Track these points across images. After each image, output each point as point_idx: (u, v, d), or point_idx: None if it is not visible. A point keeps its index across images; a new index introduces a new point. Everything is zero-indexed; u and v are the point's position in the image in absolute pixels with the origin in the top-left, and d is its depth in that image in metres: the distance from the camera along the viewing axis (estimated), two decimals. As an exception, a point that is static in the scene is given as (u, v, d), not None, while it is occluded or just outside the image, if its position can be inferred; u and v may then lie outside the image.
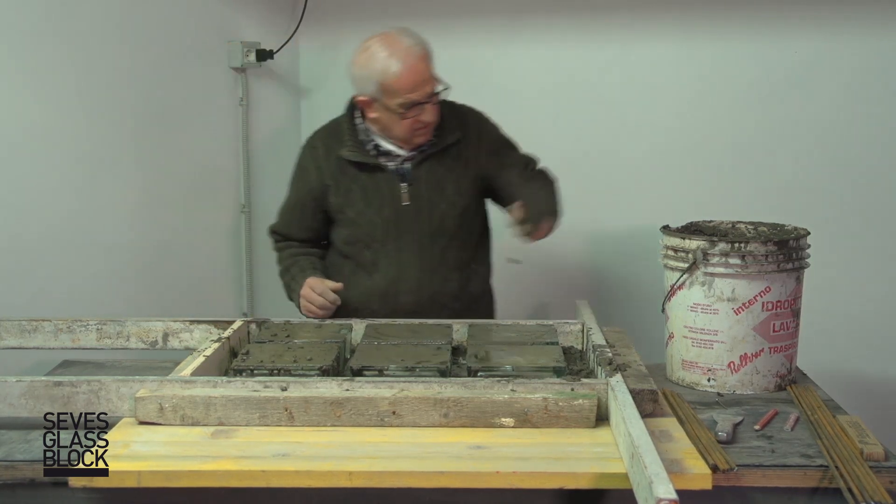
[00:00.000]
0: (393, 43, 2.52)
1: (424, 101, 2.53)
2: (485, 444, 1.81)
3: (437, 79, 2.56)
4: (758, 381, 2.32)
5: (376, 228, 2.65)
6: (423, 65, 2.52)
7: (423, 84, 2.52)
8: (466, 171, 2.65)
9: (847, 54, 3.44)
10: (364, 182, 2.65)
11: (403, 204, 2.62)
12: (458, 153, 2.65)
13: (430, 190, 2.62)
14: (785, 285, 2.32)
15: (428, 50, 2.55)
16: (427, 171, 2.63)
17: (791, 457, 1.89)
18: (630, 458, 1.65)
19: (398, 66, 2.50)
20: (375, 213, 2.64)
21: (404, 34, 2.54)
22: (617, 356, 2.21)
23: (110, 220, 2.99)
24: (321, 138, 2.72)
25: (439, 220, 2.64)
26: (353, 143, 2.65)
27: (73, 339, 2.50)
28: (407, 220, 2.63)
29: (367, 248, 2.67)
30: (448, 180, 2.63)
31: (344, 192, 2.66)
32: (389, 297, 2.67)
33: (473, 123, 2.70)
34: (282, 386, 1.94)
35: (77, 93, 2.86)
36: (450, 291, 2.68)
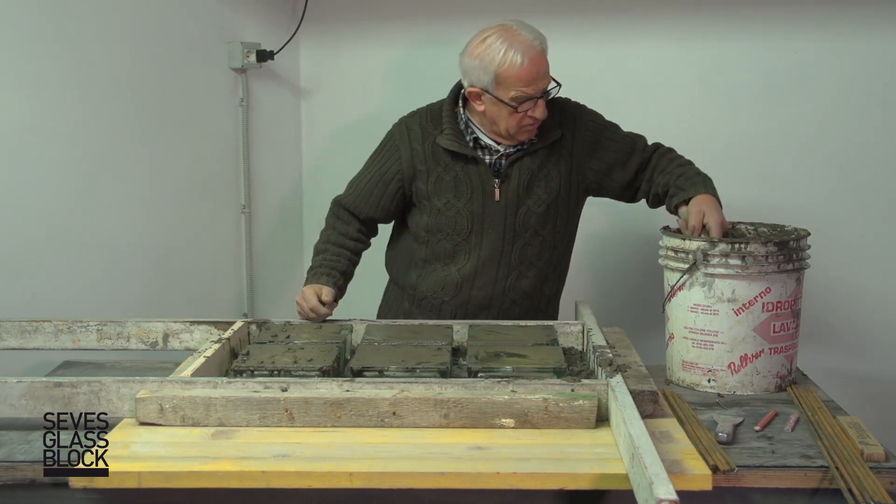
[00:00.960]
0: (513, 35, 2.50)
1: (538, 97, 2.51)
2: (485, 445, 1.81)
3: (551, 76, 2.55)
4: (758, 381, 2.32)
5: (462, 221, 2.63)
6: (542, 59, 2.51)
7: (540, 79, 2.51)
8: (558, 169, 2.63)
9: (847, 55, 3.44)
10: (457, 172, 2.62)
11: (495, 200, 2.61)
12: (551, 151, 2.63)
13: (521, 187, 2.61)
14: (785, 286, 2.32)
15: (545, 45, 2.54)
16: (520, 169, 2.61)
17: (791, 457, 1.89)
18: (630, 459, 1.65)
19: (518, 58, 2.48)
20: (465, 205, 2.62)
21: (524, 27, 2.53)
22: (617, 357, 2.21)
23: (110, 221, 2.99)
24: (418, 121, 2.69)
25: (524, 217, 2.62)
26: (453, 131, 2.62)
27: (74, 340, 2.50)
28: (494, 216, 2.62)
29: (447, 238, 2.66)
30: (539, 178, 2.61)
31: (434, 180, 2.64)
32: (463, 290, 2.67)
33: (569, 118, 2.67)
34: (282, 387, 1.94)
35: (77, 94, 2.86)
36: (523, 288, 2.67)
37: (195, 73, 3.37)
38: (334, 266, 2.64)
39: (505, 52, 2.49)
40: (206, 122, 3.44)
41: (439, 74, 2.88)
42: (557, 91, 2.57)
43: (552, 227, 2.66)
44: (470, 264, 2.66)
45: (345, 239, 2.71)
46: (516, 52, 2.48)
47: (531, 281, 2.67)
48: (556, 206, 2.65)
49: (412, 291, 2.74)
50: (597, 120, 2.71)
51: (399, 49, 3.61)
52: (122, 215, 3.04)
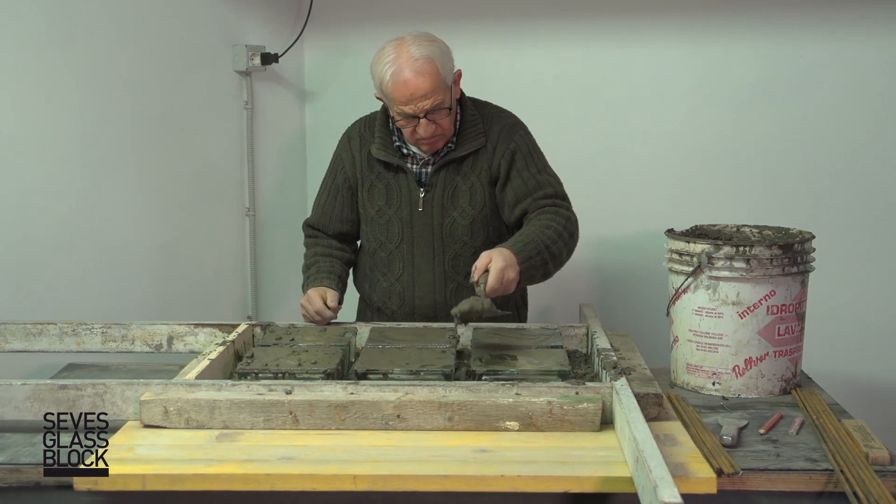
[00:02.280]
0: (400, 49, 2.45)
1: (419, 116, 2.46)
2: (489, 448, 1.81)
3: (444, 93, 2.47)
4: (762, 384, 2.32)
5: (393, 229, 2.64)
6: (420, 80, 2.43)
7: (418, 99, 2.44)
8: (480, 181, 2.59)
9: (853, 57, 3.43)
10: (388, 181, 2.63)
11: (419, 210, 2.61)
12: (475, 161, 2.59)
13: (444, 197, 2.59)
14: (790, 289, 2.32)
15: (436, 64, 2.45)
16: (444, 179, 2.59)
17: (796, 461, 1.89)
18: (635, 462, 1.65)
19: (391, 75, 2.44)
20: (394, 213, 2.63)
21: (417, 42, 2.46)
22: (621, 360, 2.21)
23: (115, 224, 3.00)
24: (358, 129, 2.70)
25: (450, 228, 2.61)
26: (383, 140, 2.62)
27: (78, 343, 2.50)
28: (420, 226, 2.61)
29: (382, 247, 2.66)
30: (462, 189, 2.59)
31: (368, 188, 2.65)
32: (406, 299, 2.67)
33: (498, 130, 2.60)
34: (286, 389, 1.94)
35: (82, 96, 2.87)
36: (464, 297, 2.61)
37: (200, 75, 3.37)
38: (331, 271, 2.65)
39: (385, 68, 2.45)
40: (211, 124, 3.44)
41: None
42: (449, 114, 2.49)
43: (483, 239, 2.62)
44: (406, 274, 2.65)
45: (331, 250, 2.72)
46: (392, 70, 2.44)
47: (472, 291, 2.62)
48: (483, 219, 2.60)
49: (369, 301, 2.75)
50: (521, 146, 2.60)
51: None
52: (126, 218, 3.04)
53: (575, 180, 3.17)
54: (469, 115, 2.61)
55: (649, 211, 3.53)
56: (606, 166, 3.65)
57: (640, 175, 3.61)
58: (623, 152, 3.62)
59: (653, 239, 2.79)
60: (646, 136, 3.60)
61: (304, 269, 2.71)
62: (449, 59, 2.51)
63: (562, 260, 2.50)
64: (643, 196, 3.61)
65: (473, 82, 2.77)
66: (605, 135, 3.63)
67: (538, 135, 2.71)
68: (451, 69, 2.51)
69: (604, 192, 3.62)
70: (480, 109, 2.64)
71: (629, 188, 3.63)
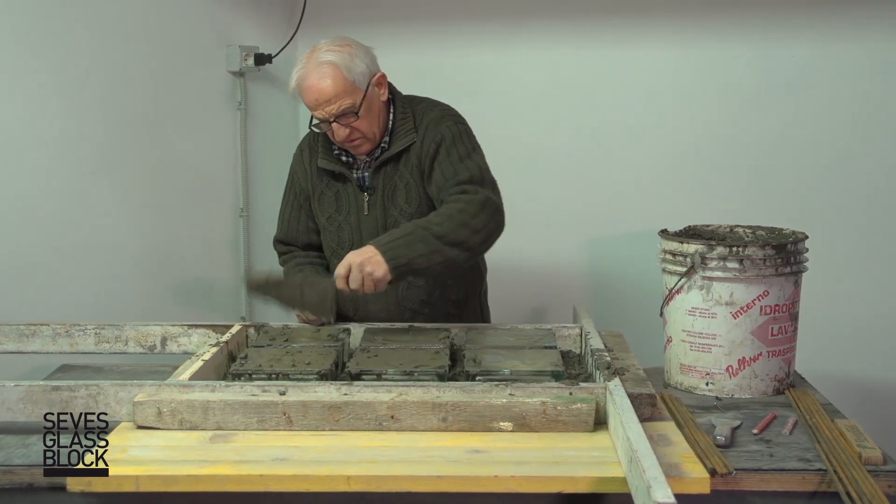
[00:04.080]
0: (310, 55, 2.47)
1: (329, 120, 2.46)
2: (483, 449, 1.81)
3: (352, 97, 2.44)
4: (756, 384, 2.32)
5: (343, 235, 2.63)
6: (323, 84, 2.42)
7: (323, 104, 2.44)
8: (413, 177, 2.56)
9: (845, 58, 3.44)
10: (337, 189, 2.63)
11: (364, 213, 2.60)
12: (408, 158, 2.56)
13: (385, 198, 2.58)
14: (783, 289, 2.32)
15: (340, 68, 2.43)
16: (383, 180, 2.58)
17: (789, 461, 1.89)
18: (628, 462, 1.65)
19: (297, 80, 2.46)
20: (344, 219, 2.63)
21: (327, 47, 2.46)
22: (615, 360, 2.21)
23: (108, 225, 2.99)
24: (308, 142, 2.70)
25: (392, 227, 2.55)
26: (325, 149, 2.61)
27: (72, 344, 2.50)
28: (368, 229, 2.60)
29: (334, 255, 2.65)
30: (399, 188, 2.57)
31: (319, 197, 2.65)
32: (360, 305, 2.65)
33: (426, 123, 2.57)
34: (280, 390, 1.94)
35: (74, 97, 2.86)
36: (416, 297, 2.63)
37: (193, 76, 3.37)
38: (318, 274, 2.64)
39: (295, 74, 2.48)
40: (204, 125, 3.44)
41: (439, 78, 2.89)
42: (356, 119, 2.46)
43: None
44: None
45: (310, 258, 2.72)
46: (298, 75, 2.46)
47: (424, 290, 2.61)
48: (422, 215, 2.52)
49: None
50: (447, 135, 2.54)
51: (398, 52, 3.60)
52: (120, 219, 3.04)
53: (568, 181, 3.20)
54: (399, 113, 2.59)
55: (642, 211, 3.54)
56: (599, 166, 3.65)
57: (634, 175, 3.62)
58: (616, 152, 3.63)
59: (646, 239, 2.79)
60: (638, 136, 3.61)
61: None
62: (360, 63, 2.47)
63: (463, 239, 2.38)
64: (636, 196, 3.61)
65: (463, 84, 2.78)
66: (598, 135, 3.63)
67: (529, 136, 2.71)
68: (362, 73, 2.47)
69: (597, 193, 3.63)
70: (414, 106, 2.61)
71: (622, 188, 3.64)
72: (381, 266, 2.32)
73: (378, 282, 2.33)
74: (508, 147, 3.34)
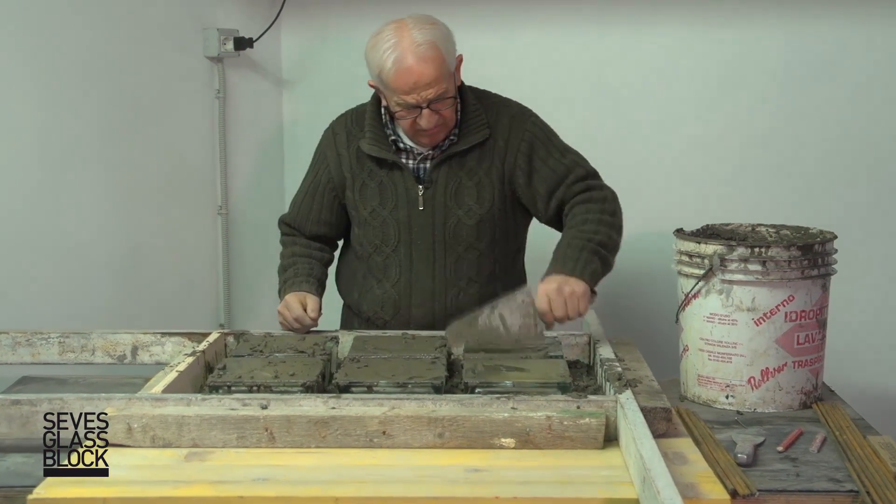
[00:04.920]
0: (401, 33, 2.44)
1: (422, 106, 2.46)
2: (483, 467, 1.81)
3: (448, 81, 2.47)
4: (781, 398, 2.33)
5: (389, 231, 2.62)
6: (424, 67, 2.42)
7: (421, 87, 2.43)
8: (489, 177, 2.58)
9: (879, 41, 3.44)
10: (382, 179, 2.62)
11: (419, 209, 2.60)
12: (482, 155, 2.58)
13: (447, 195, 2.58)
14: (810, 294, 2.32)
15: (440, 50, 2.44)
16: (446, 174, 2.58)
17: (817, 481, 1.90)
18: (641, 483, 1.65)
19: (393, 63, 2.42)
20: (389, 214, 2.62)
21: (419, 25, 2.45)
22: (627, 371, 2.21)
23: (74, 223, 2.99)
24: (344, 124, 2.69)
25: (454, 228, 2.59)
26: (374, 134, 2.60)
27: (33, 354, 2.49)
28: (421, 226, 2.60)
29: (377, 251, 2.65)
30: (467, 186, 2.58)
31: (360, 188, 2.64)
32: (402, 308, 2.65)
33: (507, 121, 2.60)
34: (262, 404, 1.94)
35: (38, 83, 2.86)
36: (466, 306, 2.60)
37: (167, 61, 3.37)
38: (311, 273, 2.64)
39: (385, 55, 2.44)
40: (179, 115, 3.43)
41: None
42: (453, 103, 2.50)
43: (490, 241, 2.63)
44: (403, 280, 2.64)
45: (310, 250, 2.72)
46: (394, 56, 2.43)
47: (475, 298, 2.61)
48: (491, 219, 2.60)
49: (357, 311, 2.74)
50: (536, 132, 2.61)
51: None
52: (85, 216, 3.03)
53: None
54: (471, 105, 2.60)
55: (657, 209, 3.54)
56: (609, 160, 3.61)
57: (647, 169, 3.62)
58: (629, 145, 3.63)
59: (660, 239, 2.80)
60: (653, 126, 3.61)
61: (280, 269, 2.70)
62: (452, 44, 2.51)
63: (616, 242, 2.51)
64: (650, 192, 3.61)
65: (467, 70, 2.77)
66: (609, 126, 3.63)
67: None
68: (454, 54, 2.51)
69: (607, 189, 3.62)
70: (482, 99, 2.63)
71: (635, 184, 3.62)
72: (577, 283, 2.35)
73: (581, 298, 2.35)
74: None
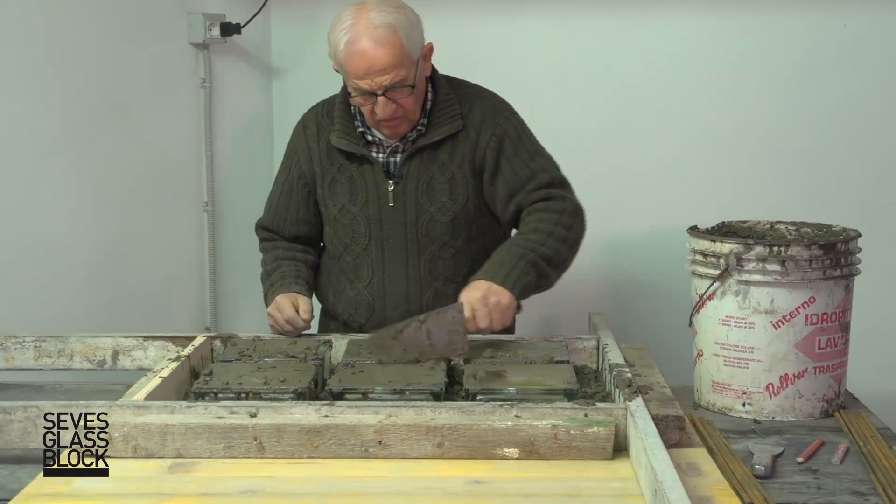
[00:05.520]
0: (360, 14, 2.45)
1: (377, 93, 2.46)
2: (485, 479, 1.81)
3: (407, 68, 2.46)
4: (801, 406, 2.33)
5: (359, 229, 2.64)
6: (379, 51, 2.42)
7: (375, 73, 2.44)
8: (462, 171, 2.60)
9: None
10: (353, 174, 2.63)
11: (389, 205, 2.61)
12: (454, 148, 2.60)
13: (418, 191, 2.60)
14: (832, 295, 2.33)
15: (399, 34, 2.44)
16: (417, 168, 2.59)
17: (840, 494, 1.90)
18: (653, 496, 1.66)
19: (346, 43, 2.44)
20: (360, 211, 2.63)
21: (381, 8, 2.46)
22: (637, 377, 2.21)
23: (49, 220, 2.99)
24: (314, 116, 2.70)
25: (427, 226, 2.61)
26: (343, 126, 2.61)
27: (7, 359, 2.50)
28: (392, 224, 2.62)
29: (347, 250, 2.67)
30: (439, 181, 2.59)
31: (329, 183, 2.65)
32: (376, 311, 2.67)
33: (480, 113, 2.61)
34: (250, 412, 1.94)
35: (11, 71, 2.86)
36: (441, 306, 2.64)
37: (149, 48, 3.37)
38: (299, 275, 2.65)
39: (340, 35, 2.45)
40: (162, 105, 3.44)
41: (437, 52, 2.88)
42: (411, 93, 2.49)
43: (466, 238, 2.64)
44: (376, 280, 2.66)
45: (293, 252, 2.72)
46: (347, 37, 2.44)
47: (452, 299, 2.59)
48: (466, 215, 2.61)
49: (333, 314, 2.75)
50: (508, 129, 2.61)
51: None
52: (63, 214, 3.03)
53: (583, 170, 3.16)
54: (443, 94, 2.60)
55: (669, 205, 3.54)
56: (620, 153, 3.65)
57: (659, 164, 3.62)
58: (640, 137, 3.63)
59: (673, 238, 2.80)
60: (666, 118, 3.61)
61: (264, 276, 2.71)
62: (416, 31, 2.51)
63: (564, 258, 2.53)
64: (662, 188, 3.62)
65: (460, 60, 2.78)
66: (619, 117, 3.64)
67: (541, 118, 2.71)
68: (418, 42, 2.51)
69: (617, 185, 3.63)
70: (457, 89, 2.64)
71: (646, 179, 3.64)
72: (503, 294, 2.40)
73: (506, 309, 2.40)
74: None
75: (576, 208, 2.60)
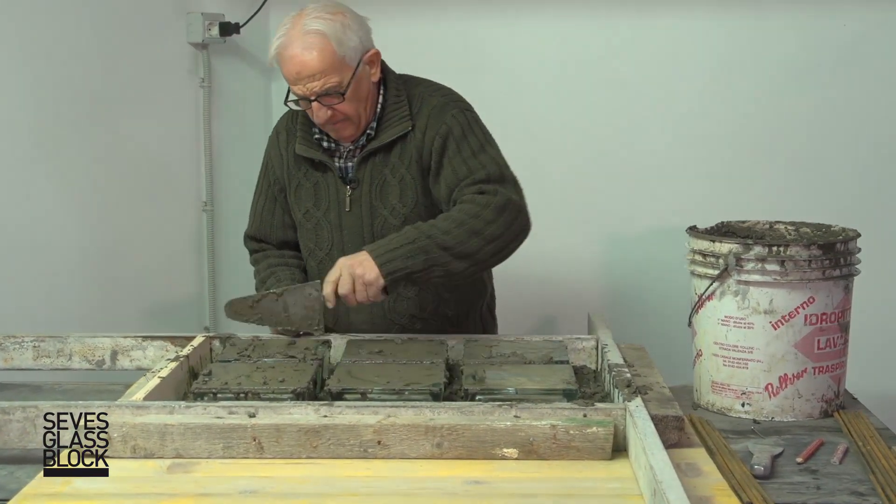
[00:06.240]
0: (296, 21, 2.46)
1: (309, 98, 2.47)
2: (484, 479, 1.81)
3: (340, 74, 2.45)
4: (800, 406, 2.33)
5: (322, 234, 2.64)
6: (307, 56, 2.42)
7: (305, 78, 2.44)
8: (411, 173, 2.57)
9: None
10: (317, 179, 2.63)
11: (346, 210, 2.61)
12: (403, 150, 2.57)
13: (372, 195, 2.59)
14: (831, 295, 2.33)
15: (330, 41, 2.43)
16: (370, 172, 2.58)
17: (839, 494, 1.90)
18: (652, 496, 1.65)
19: (278, 48, 2.46)
20: (322, 215, 2.63)
21: (316, 13, 2.46)
22: (636, 377, 2.21)
23: (48, 220, 2.99)
24: (285, 123, 2.71)
25: (381, 229, 2.57)
26: (304, 133, 2.62)
27: (6, 359, 2.50)
28: (350, 228, 2.61)
29: (311, 255, 2.67)
30: (391, 184, 2.58)
31: (295, 189, 2.66)
32: (340, 315, 2.66)
33: (427, 112, 2.57)
34: (249, 412, 1.94)
35: (10, 72, 2.86)
36: (405, 311, 2.64)
37: (148, 48, 3.37)
38: (293, 279, 2.65)
39: (277, 40, 2.47)
40: (161, 105, 3.44)
41: (435, 53, 2.89)
42: (342, 100, 2.47)
43: None
44: None
45: (285, 259, 2.73)
46: (279, 42, 2.46)
47: (415, 303, 2.61)
48: (417, 217, 2.55)
49: None
50: (454, 126, 2.55)
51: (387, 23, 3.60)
52: (62, 214, 3.03)
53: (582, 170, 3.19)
54: (392, 96, 2.59)
55: (668, 205, 3.54)
56: (619, 153, 3.65)
57: (658, 164, 3.62)
58: (638, 137, 3.63)
59: (672, 238, 2.80)
60: (664, 119, 3.61)
61: (258, 284, 2.71)
62: (353, 37, 2.48)
63: (471, 252, 2.42)
64: (661, 188, 3.62)
65: (458, 61, 2.78)
66: (617, 118, 3.64)
67: (541, 119, 2.71)
68: (355, 48, 2.48)
69: (615, 185, 3.63)
70: (410, 89, 2.61)
71: (644, 179, 3.64)
72: (372, 269, 2.37)
73: (369, 285, 2.37)
74: (514, 132, 3.33)
75: (506, 203, 2.45)
